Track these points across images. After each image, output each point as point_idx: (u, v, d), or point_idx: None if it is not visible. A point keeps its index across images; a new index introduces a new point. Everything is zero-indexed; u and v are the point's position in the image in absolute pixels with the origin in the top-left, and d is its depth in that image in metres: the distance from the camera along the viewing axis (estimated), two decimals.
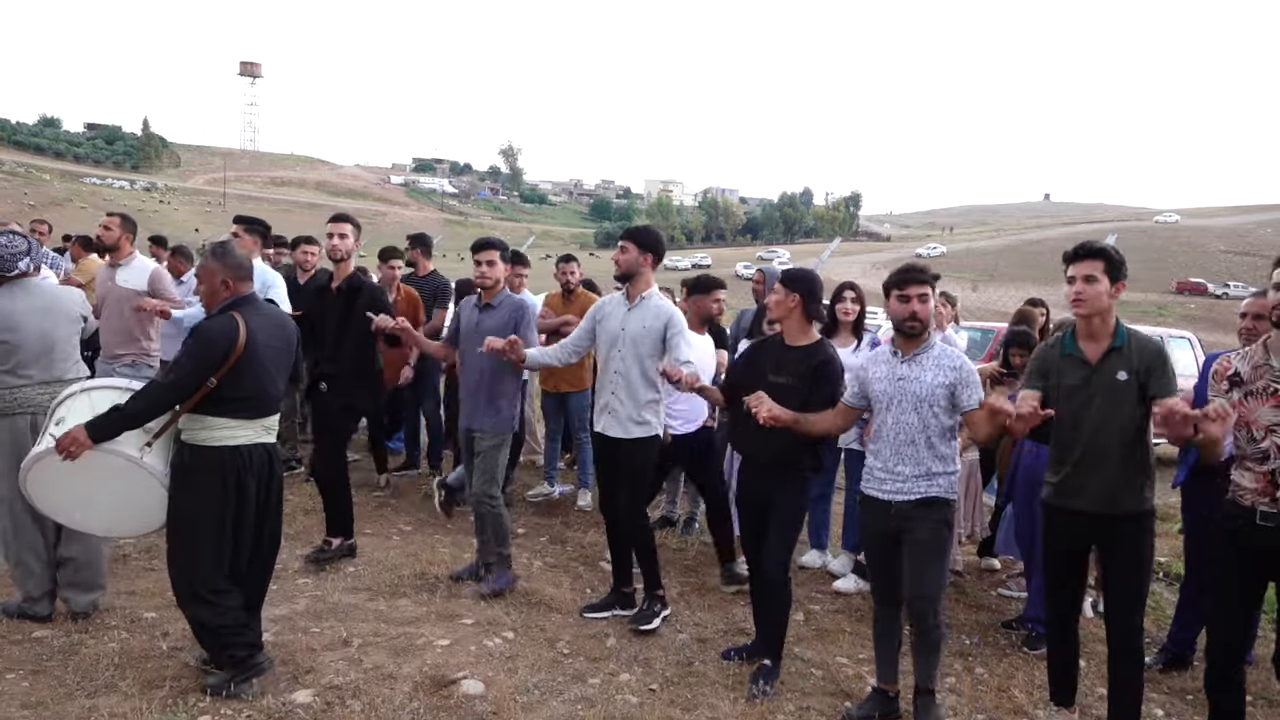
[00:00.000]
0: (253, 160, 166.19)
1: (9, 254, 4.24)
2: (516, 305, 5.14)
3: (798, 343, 4.28)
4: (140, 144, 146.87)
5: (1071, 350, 3.69)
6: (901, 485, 3.85)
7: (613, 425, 4.76)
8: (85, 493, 3.84)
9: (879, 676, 4.05)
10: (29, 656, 3.97)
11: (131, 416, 3.64)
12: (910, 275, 3.84)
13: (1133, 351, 3.58)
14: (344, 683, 3.88)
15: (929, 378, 3.80)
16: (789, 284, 4.28)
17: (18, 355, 4.22)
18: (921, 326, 3.84)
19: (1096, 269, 3.56)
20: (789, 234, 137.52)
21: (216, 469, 3.72)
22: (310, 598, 4.87)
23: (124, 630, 4.30)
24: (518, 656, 4.29)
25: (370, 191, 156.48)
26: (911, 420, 3.82)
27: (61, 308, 4.43)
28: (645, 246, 4.73)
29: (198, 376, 3.64)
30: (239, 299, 3.85)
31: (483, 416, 5.12)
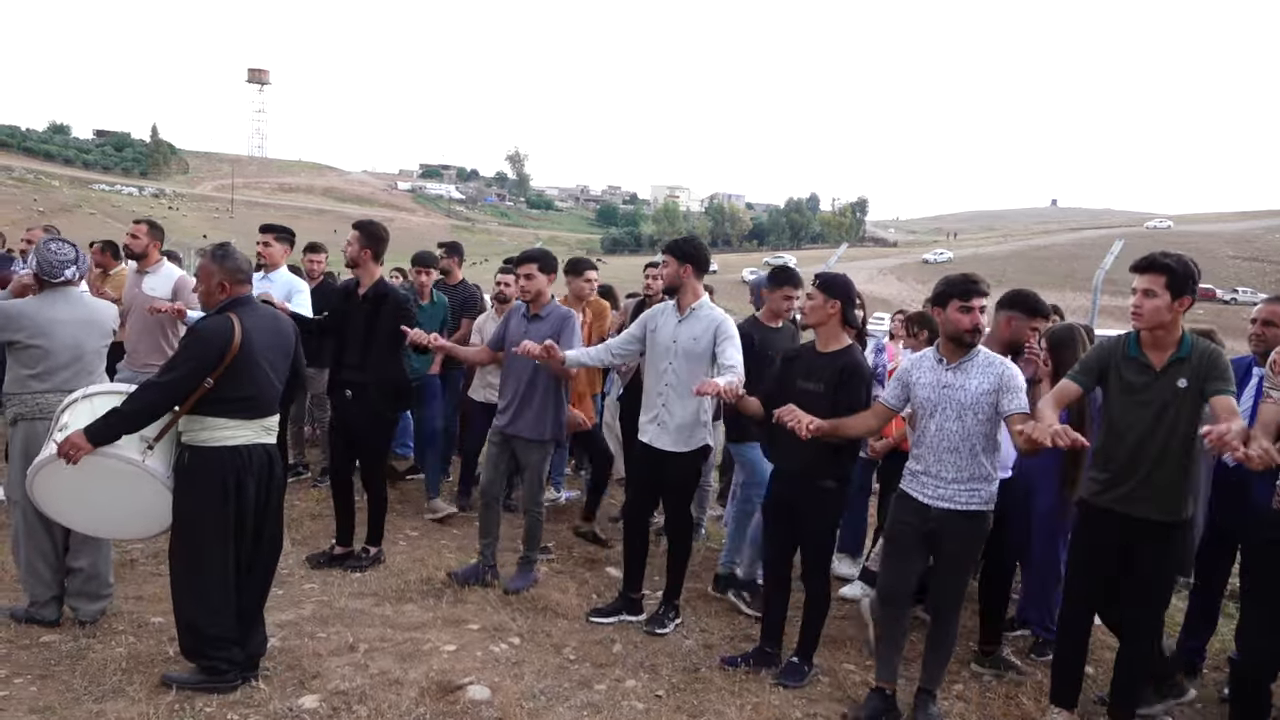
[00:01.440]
0: (260, 167, 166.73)
1: (56, 260, 4.30)
2: (563, 316, 5.19)
3: (829, 348, 4.32)
4: (149, 150, 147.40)
5: (1136, 354, 3.69)
6: (943, 491, 3.87)
7: (661, 437, 4.76)
8: (90, 497, 3.86)
9: (878, 675, 4.08)
10: (37, 661, 3.98)
11: (128, 418, 3.65)
12: (974, 287, 3.86)
13: (1195, 359, 3.57)
14: (350, 688, 3.88)
15: (974, 385, 3.82)
16: (828, 290, 4.28)
17: (46, 361, 4.26)
18: (980, 337, 3.88)
19: (1157, 284, 3.56)
20: (795, 239, 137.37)
21: (216, 469, 3.74)
22: (316, 603, 4.88)
23: (131, 635, 4.31)
24: (524, 662, 4.29)
25: (377, 198, 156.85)
26: (955, 427, 3.84)
27: (96, 321, 4.48)
28: (684, 257, 4.76)
29: (194, 376, 3.66)
30: (235, 300, 3.88)
31: (524, 424, 5.18)
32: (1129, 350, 3.71)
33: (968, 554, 3.92)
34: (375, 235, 5.44)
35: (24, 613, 4.32)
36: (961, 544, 3.88)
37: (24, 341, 4.24)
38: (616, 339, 5.15)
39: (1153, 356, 3.65)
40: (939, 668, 3.98)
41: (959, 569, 3.92)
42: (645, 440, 4.85)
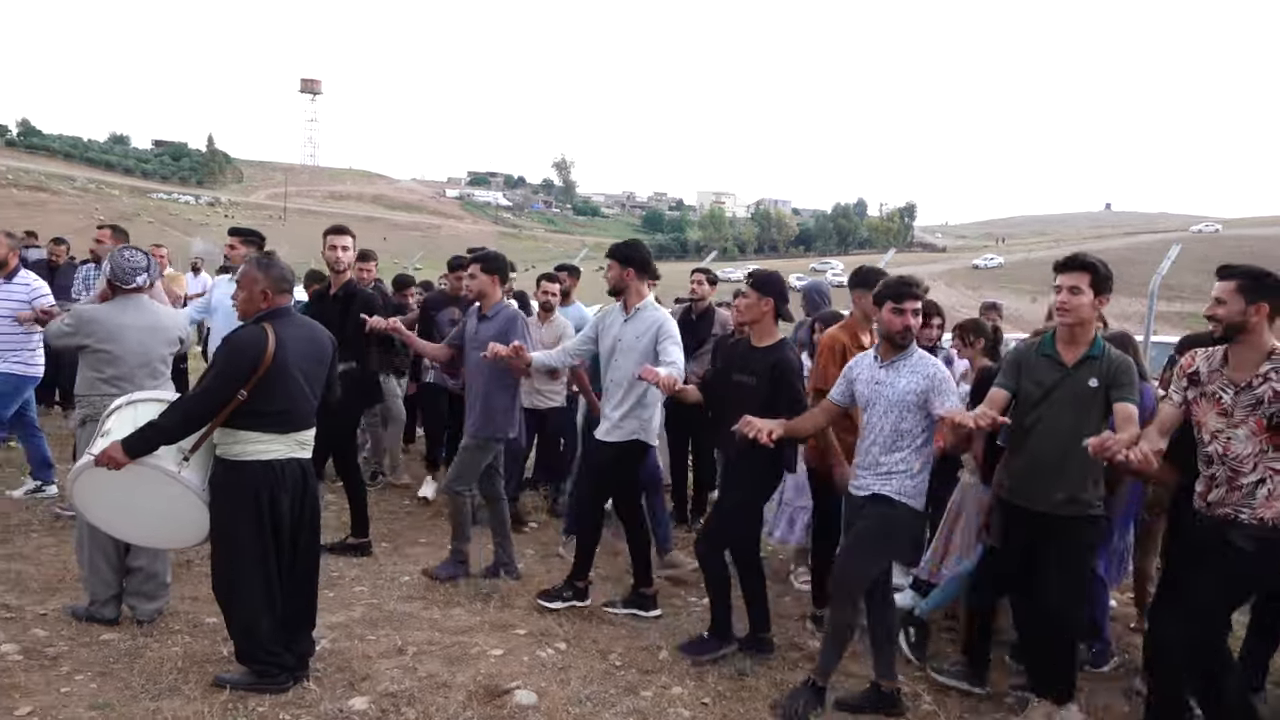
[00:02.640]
0: (312, 175, 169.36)
1: (129, 267, 4.43)
2: (510, 316, 5.39)
3: (763, 343, 4.53)
4: (205, 160, 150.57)
5: (1050, 352, 3.84)
6: (860, 481, 4.08)
7: (615, 432, 4.96)
8: (129, 505, 3.93)
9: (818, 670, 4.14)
10: (97, 659, 4.08)
11: (165, 430, 3.70)
12: (907, 290, 4.04)
13: (1105, 362, 3.73)
14: (399, 690, 3.92)
15: (903, 383, 3.97)
16: (761, 289, 4.51)
17: (115, 366, 4.40)
18: (912, 338, 4.05)
19: (1083, 281, 3.73)
20: (842, 245, 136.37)
21: (249, 484, 3.77)
22: (366, 605, 4.94)
23: (187, 634, 4.39)
24: (570, 667, 4.30)
25: (426, 205, 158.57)
26: (880, 423, 4.01)
27: (163, 328, 4.61)
28: (626, 261, 4.98)
29: (227, 388, 3.69)
30: (274, 311, 3.90)
31: (474, 418, 5.39)
32: (1043, 348, 3.88)
33: (867, 533, 3.99)
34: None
35: (85, 611, 4.43)
36: (867, 522, 3.99)
37: (94, 346, 4.39)
38: (572, 341, 5.41)
39: (1065, 353, 3.80)
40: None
41: (858, 547, 4.01)
42: (598, 435, 5.08)
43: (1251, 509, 3.40)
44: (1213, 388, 3.52)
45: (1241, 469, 3.42)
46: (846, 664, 4.32)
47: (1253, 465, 3.40)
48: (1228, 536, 3.44)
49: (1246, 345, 3.45)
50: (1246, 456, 3.41)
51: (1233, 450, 3.44)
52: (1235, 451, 3.44)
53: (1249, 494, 3.41)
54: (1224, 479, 3.47)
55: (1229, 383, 3.48)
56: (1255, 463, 3.40)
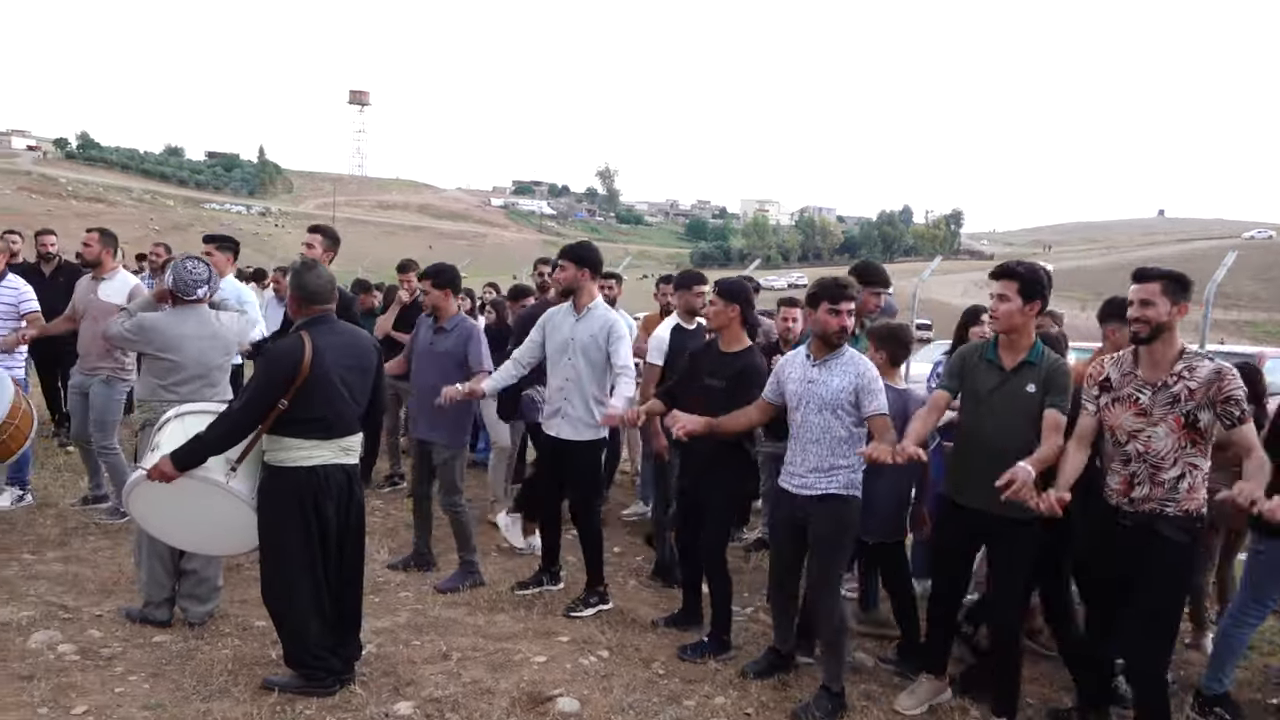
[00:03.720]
0: (360, 185, 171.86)
1: (191, 280, 4.55)
2: (468, 329, 5.48)
3: (731, 349, 4.68)
4: (256, 171, 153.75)
5: (992, 357, 3.95)
6: (805, 480, 4.14)
7: (564, 428, 5.09)
8: (182, 515, 4.01)
9: (776, 639, 4.47)
10: (149, 660, 4.16)
11: (210, 442, 3.77)
12: (842, 291, 4.13)
13: (1043, 368, 3.83)
14: (443, 696, 3.95)
15: (835, 382, 4.08)
16: (728, 296, 4.66)
17: (175, 374, 4.53)
18: (847, 338, 4.15)
19: (1010, 289, 3.84)
20: (888, 253, 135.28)
21: (294, 490, 3.83)
22: (411, 611, 4.98)
23: (236, 637, 4.47)
24: (613, 675, 4.30)
25: (471, 214, 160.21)
26: (816, 420, 4.11)
27: (221, 337, 4.72)
28: (581, 262, 5.10)
29: (267, 398, 3.75)
30: (313, 319, 3.95)
31: (435, 430, 5.45)
32: (986, 353, 3.98)
33: (833, 537, 4.10)
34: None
35: (139, 613, 4.53)
36: (823, 525, 4.09)
37: (155, 354, 4.52)
38: (520, 349, 5.38)
39: (1005, 358, 3.91)
40: (833, 664, 4.11)
41: (826, 552, 4.12)
42: (551, 433, 5.17)
43: (1176, 502, 3.54)
44: (1127, 390, 3.65)
45: (1162, 465, 3.55)
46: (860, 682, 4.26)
47: (1173, 461, 3.53)
48: (1156, 528, 3.55)
49: (1163, 345, 3.57)
50: (1167, 453, 3.54)
51: (1153, 448, 3.56)
52: (1155, 449, 3.56)
53: (1171, 489, 3.54)
54: (1145, 476, 3.58)
55: (1144, 384, 3.61)
56: (1175, 458, 3.53)
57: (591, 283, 5.17)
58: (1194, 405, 3.48)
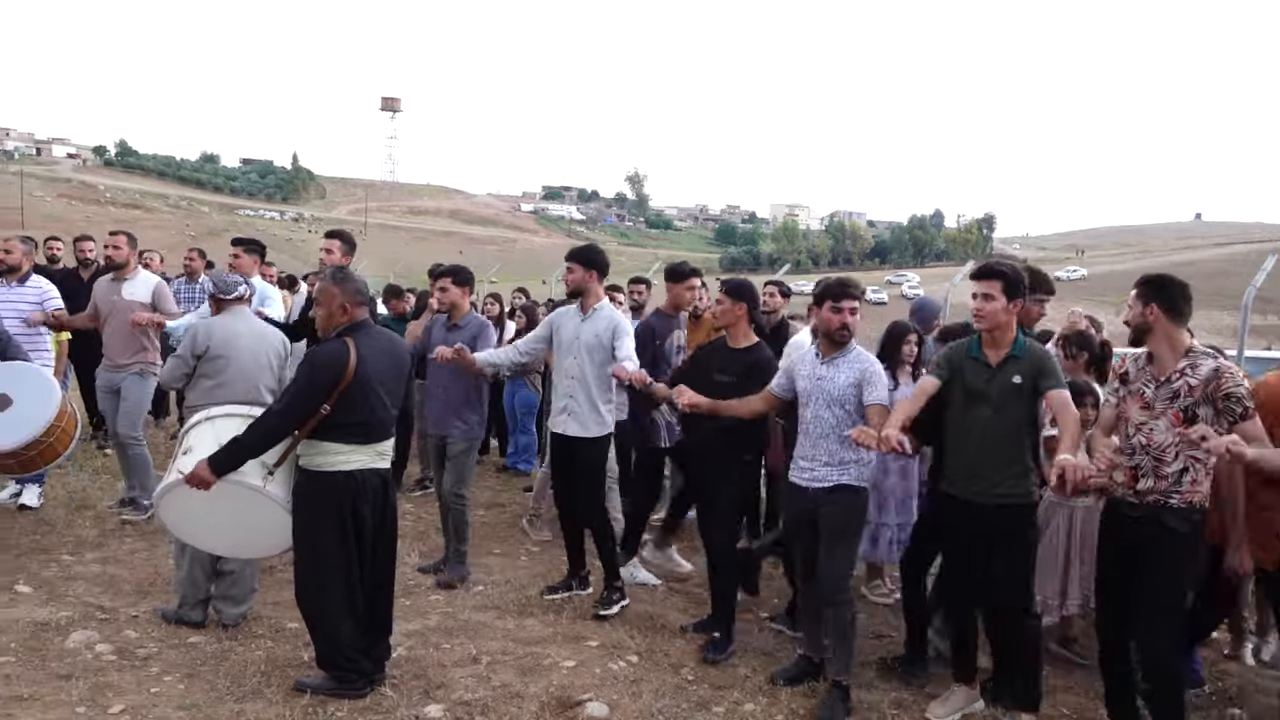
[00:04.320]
0: (392, 191, 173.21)
1: (230, 279, 4.71)
2: (480, 325, 5.68)
3: (740, 345, 4.83)
4: (290, 177, 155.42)
5: (977, 354, 4.05)
6: (817, 473, 4.27)
7: (572, 425, 5.22)
8: (215, 519, 4.04)
9: (806, 646, 4.49)
10: (184, 660, 4.21)
11: (249, 447, 3.81)
12: (845, 290, 4.30)
13: (1027, 359, 3.95)
14: (473, 699, 3.97)
15: (842, 378, 4.25)
16: (734, 295, 4.80)
17: (227, 374, 4.65)
18: (849, 336, 4.29)
19: (994, 288, 3.95)
20: (919, 257, 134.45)
21: (331, 494, 3.86)
22: (441, 614, 5.01)
23: (269, 639, 4.51)
24: (642, 680, 4.30)
25: (501, 219, 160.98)
26: (826, 415, 4.26)
27: (268, 337, 4.84)
28: (589, 264, 5.27)
29: (310, 402, 3.78)
30: (353, 325, 3.98)
31: (449, 424, 5.57)
32: (971, 351, 4.08)
33: (841, 526, 4.22)
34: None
35: (173, 613, 4.59)
36: (832, 514, 4.21)
37: (210, 354, 4.65)
38: (524, 339, 5.62)
39: (990, 355, 4.02)
40: (842, 655, 4.18)
41: (835, 541, 4.20)
42: (558, 430, 5.31)
43: (1180, 494, 3.63)
44: (1137, 384, 3.79)
45: (1164, 458, 3.65)
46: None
47: (1174, 454, 3.63)
48: (1161, 519, 3.63)
49: (1163, 344, 3.70)
50: (1168, 446, 3.64)
51: (1155, 440, 3.67)
52: (1157, 441, 3.67)
53: (1175, 481, 3.64)
54: (1149, 468, 3.69)
55: (1151, 378, 3.74)
56: (1176, 451, 3.63)
57: (598, 285, 5.33)
58: (1192, 401, 3.59)
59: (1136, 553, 3.70)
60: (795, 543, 4.52)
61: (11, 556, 5.47)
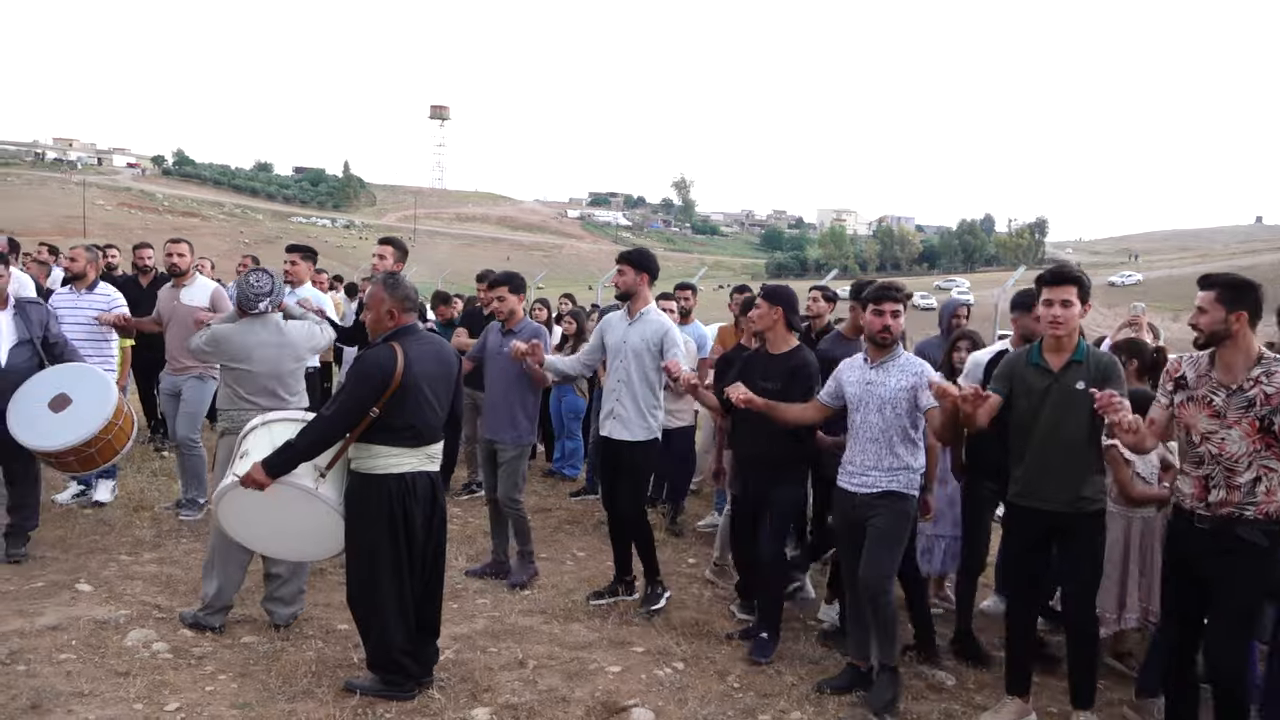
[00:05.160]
0: (440, 198, 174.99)
1: (254, 293, 4.70)
2: (534, 330, 5.69)
3: (779, 350, 4.84)
4: (341, 185, 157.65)
5: (1037, 361, 3.99)
6: (866, 479, 4.29)
7: (618, 429, 5.25)
8: (270, 521, 4.11)
9: (852, 654, 4.46)
10: (238, 660, 4.29)
11: (301, 450, 3.86)
12: (885, 293, 4.33)
13: (1090, 364, 3.89)
14: (519, 703, 3.99)
15: (893, 382, 4.25)
16: (771, 299, 4.82)
17: (249, 383, 4.66)
18: (892, 339, 4.31)
19: (1071, 294, 3.90)
20: (969, 263, 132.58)
21: (384, 497, 3.90)
22: (488, 618, 5.04)
23: (320, 640, 4.58)
24: (688, 688, 4.29)
25: (548, 225, 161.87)
26: (875, 420, 4.27)
27: (290, 344, 4.85)
28: (641, 267, 5.27)
29: (360, 407, 3.84)
30: (401, 329, 4.03)
31: (504, 430, 5.63)
32: (1030, 358, 4.03)
33: (889, 530, 4.23)
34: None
35: (191, 616, 4.65)
36: (883, 519, 4.23)
37: (228, 364, 4.66)
38: (583, 351, 5.71)
39: (1052, 360, 3.96)
40: (888, 644, 4.26)
41: (882, 545, 4.23)
42: (605, 433, 5.35)
43: (1255, 505, 3.52)
44: (1202, 391, 3.64)
45: (1237, 468, 3.54)
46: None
47: (1248, 464, 3.52)
48: (1238, 532, 3.53)
49: (1233, 350, 3.57)
50: (1241, 456, 3.53)
51: (1227, 450, 3.55)
52: (1230, 451, 3.55)
53: (1249, 492, 3.52)
54: (1221, 479, 3.56)
55: (1219, 385, 3.60)
56: (1250, 461, 3.51)
57: (648, 288, 5.33)
58: (1270, 410, 3.47)
59: (1208, 566, 3.58)
60: (843, 548, 4.51)
61: (73, 556, 5.62)
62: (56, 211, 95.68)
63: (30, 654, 4.18)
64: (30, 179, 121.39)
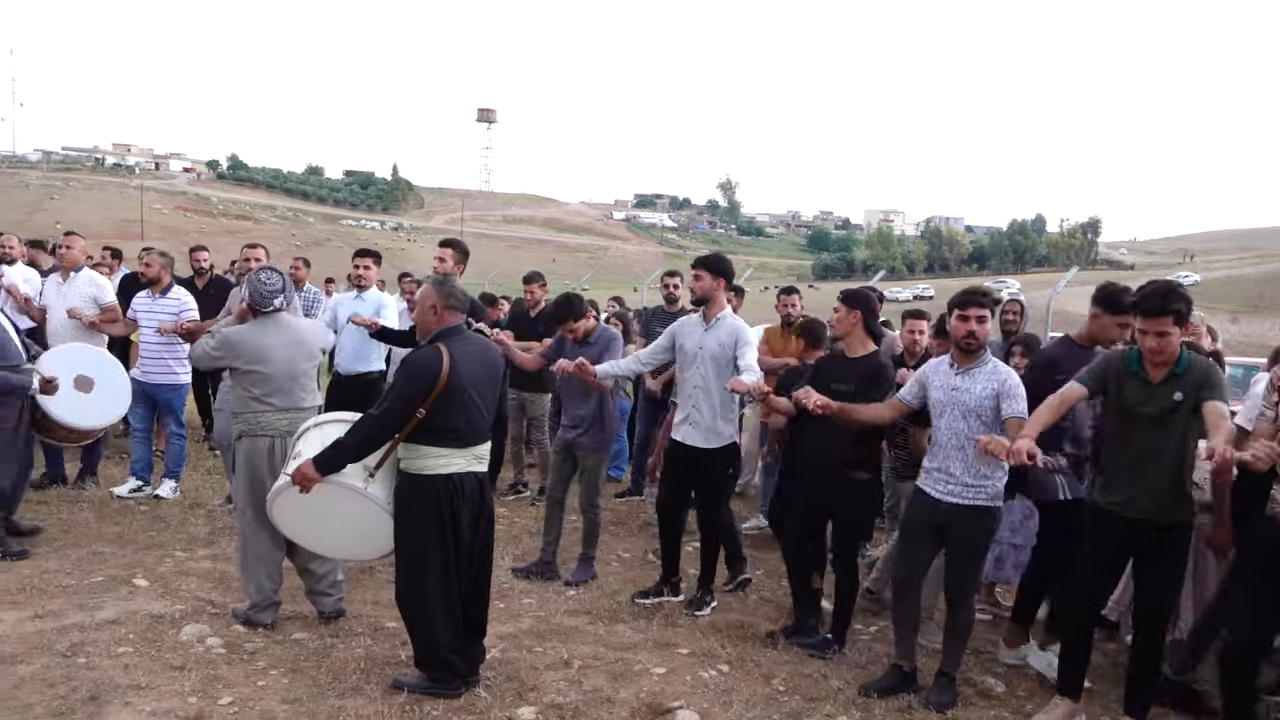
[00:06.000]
0: (487, 200, 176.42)
1: (266, 291, 4.70)
2: (610, 337, 5.79)
3: (857, 354, 4.79)
4: (390, 188, 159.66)
5: (1136, 370, 3.88)
6: (951, 487, 4.24)
7: (693, 435, 5.22)
8: (322, 521, 4.18)
9: (896, 654, 4.45)
10: (289, 656, 4.36)
11: (350, 449, 3.91)
12: (971, 299, 4.30)
13: (1191, 374, 3.77)
14: (565, 703, 4.01)
15: (978, 389, 4.20)
16: (850, 303, 4.78)
17: (266, 384, 4.66)
18: (978, 344, 4.26)
19: (1167, 324, 3.72)
20: (1019, 263, 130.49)
21: (432, 497, 3.94)
22: (534, 618, 5.07)
23: (369, 638, 4.64)
24: (733, 690, 4.27)
25: (594, 227, 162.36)
26: (960, 427, 4.21)
27: (305, 343, 4.87)
28: (718, 272, 5.26)
29: (407, 407, 3.87)
30: (446, 330, 4.06)
31: (586, 436, 5.73)
32: (1129, 366, 3.90)
33: (976, 546, 4.26)
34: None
35: (243, 613, 4.72)
36: (969, 536, 4.23)
37: (243, 367, 4.64)
38: (646, 350, 5.65)
39: (1152, 372, 3.84)
40: (957, 652, 4.31)
41: (969, 560, 4.27)
42: (679, 439, 5.31)
43: None
44: None
45: None
46: None
47: None
48: None
49: None
50: None
51: None
52: None
53: None
54: None
55: None
56: None
57: (723, 293, 5.31)
58: None
59: None
60: (909, 546, 4.47)
61: (130, 552, 5.75)
62: (115, 215, 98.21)
63: (90, 647, 4.29)
64: (90, 183, 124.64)
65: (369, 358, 7.11)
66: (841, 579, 4.86)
